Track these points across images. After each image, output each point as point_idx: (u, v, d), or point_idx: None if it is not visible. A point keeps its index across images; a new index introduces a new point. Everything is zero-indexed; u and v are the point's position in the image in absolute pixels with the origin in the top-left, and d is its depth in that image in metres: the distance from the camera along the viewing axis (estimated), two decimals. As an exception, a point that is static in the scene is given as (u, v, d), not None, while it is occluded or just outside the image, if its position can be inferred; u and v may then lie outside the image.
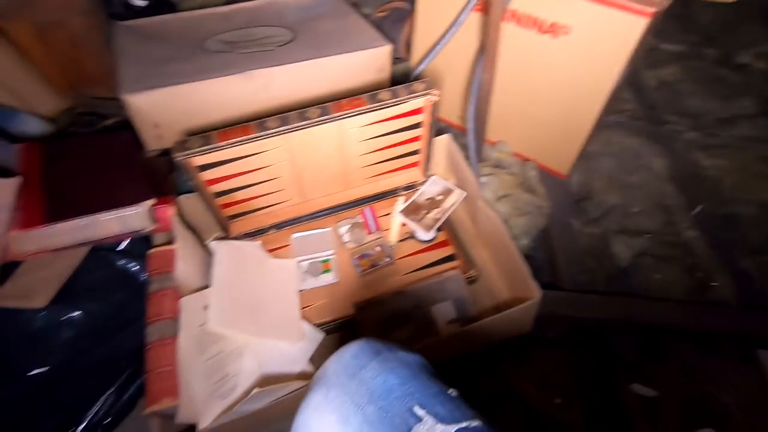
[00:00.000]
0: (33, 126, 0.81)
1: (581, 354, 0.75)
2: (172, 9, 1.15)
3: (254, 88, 0.82)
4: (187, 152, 0.56)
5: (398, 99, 0.61)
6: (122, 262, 0.62)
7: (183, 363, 0.52)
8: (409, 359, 0.35)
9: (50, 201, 0.53)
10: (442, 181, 0.80)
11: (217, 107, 0.81)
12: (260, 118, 0.59)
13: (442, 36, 0.87)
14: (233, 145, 0.58)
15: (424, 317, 0.64)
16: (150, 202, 0.57)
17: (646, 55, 1.33)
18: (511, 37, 0.81)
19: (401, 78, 1.11)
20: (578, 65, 0.81)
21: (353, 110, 0.60)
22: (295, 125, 0.59)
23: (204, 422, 0.50)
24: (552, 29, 0.80)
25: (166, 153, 0.77)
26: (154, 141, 0.79)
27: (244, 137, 0.57)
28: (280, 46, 0.92)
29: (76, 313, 0.56)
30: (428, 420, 0.31)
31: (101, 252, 0.61)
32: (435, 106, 0.65)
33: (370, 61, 0.91)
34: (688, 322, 0.77)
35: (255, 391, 0.51)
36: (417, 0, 0.92)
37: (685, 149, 1.10)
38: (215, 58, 0.86)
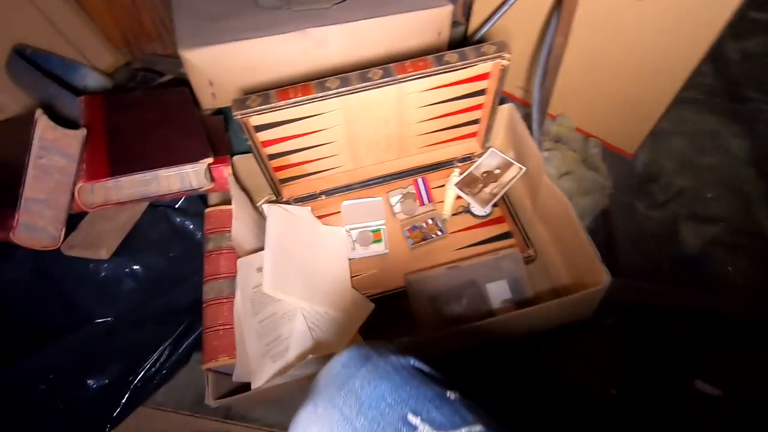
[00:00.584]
0: (93, 80, 0.82)
1: (637, 343, 0.71)
2: None
3: (309, 46, 0.79)
4: (247, 110, 0.54)
5: (467, 62, 0.57)
6: (179, 219, 0.63)
7: (238, 322, 0.53)
8: (403, 363, 0.32)
9: (113, 155, 0.53)
10: (500, 153, 0.75)
11: (271, 66, 0.79)
12: (315, 79, 0.57)
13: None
14: (292, 105, 0.55)
15: (478, 295, 0.62)
16: (208, 160, 0.56)
17: (729, 24, 1.20)
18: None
19: (457, 44, 1.04)
20: (665, 32, 0.73)
21: (418, 72, 0.56)
22: (357, 86, 0.56)
23: (257, 382, 0.51)
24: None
25: (220, 112, 0.76)
26: (208, 99, 0.79)
27: (303, 97, 0.55)
28: (336, 4, 0.88)
29: (136, 267, 0.57)
30: (423, 428, 0.28)
31: (159, 208, 0.61)
32: (504, 72, 0.60)
33: (429, 22, 0.85)
34: (756, 317, 0.71)
35: (309, 357, 0.50)
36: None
37: (771, 130, 1.00)
38: (269, 14, 0.83)
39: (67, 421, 0.52)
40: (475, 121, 0.72)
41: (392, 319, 0.63)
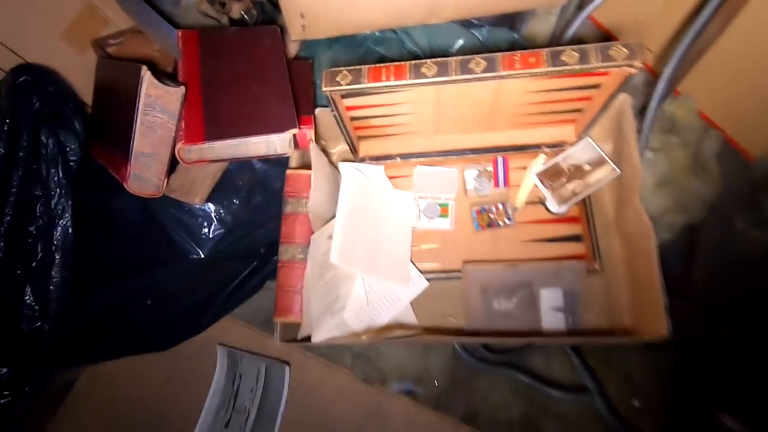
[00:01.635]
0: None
1: (674, 365, 0.71)
2: None
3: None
4: (336, 87, 0.53)
5: (587, 66, 0.49)
6: (260, 168, 0.67)
7: (307, 289, 0.60)
8: None
9: (208, 117, 0.55)
10: (596, 148, 0.68)
11: (370, 4, 0.72)
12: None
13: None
14: (383, 90, 0.53)
15: (530, 297, 0.64)
16: (294, 131, 0.57)
17: None
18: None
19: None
20: None
21: (527, 71, 0.50)
22: (455, 78, 0.51)
23: (317, 338, 0.59)
24: None
25: (307, 61, 0.73)
26: (297, 31, 0.75)
27: (396, 82, 0.52)
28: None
29: (223, 212, 0.64)
30: None
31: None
32: (629, 79, 0.52)
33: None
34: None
35: (361, 328, 0.57)
36: None
37: None
38: (374, -65, 0.73)
39: (166, 327, 0.65)
40: (578, 110, 0.65)
41: (445, 297, 0.68)
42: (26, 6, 0.61)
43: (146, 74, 0.51)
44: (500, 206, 0.71)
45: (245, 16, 0.78)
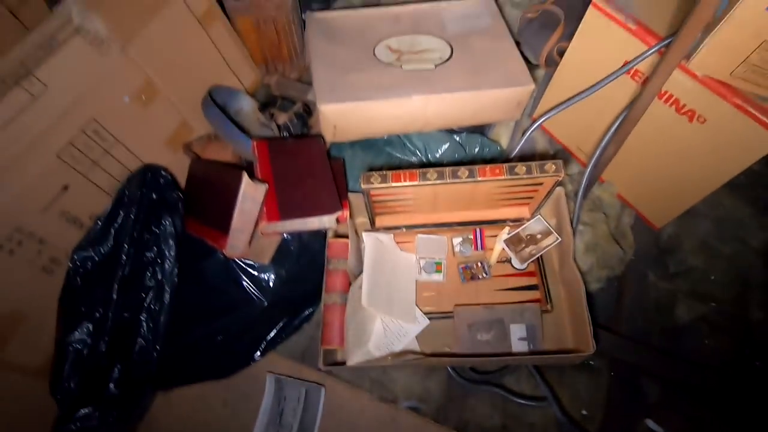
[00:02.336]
0: (245, 103, 1.09)
1: (613, 383, 0.95)
2: None
3: (413, 108, 1.01)
4: (370, 185, 0.79)
5: (531, 176, 0.78)
6: (306, 238, 0.91)
7: (347, 324, 0.82)
8: None
9: (281, 202, 0.81)
10: (544, 222, 0.97)
11: (382, 119, 1.02)
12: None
13: (579, 93, 0.97)
14: (401, 187, 0.80)
15: (502, 330, 0.88)
16: (339, 213, 0.83)
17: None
18: (652, 106, 0.90)
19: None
20: (705, 153, 0.89)
21: (493, 178, 0.79)
22: (448, 180, 0.79)
23: (350, 361, 0.81)
24: (689, 114, 0.88)
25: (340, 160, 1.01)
26: (330, 135, 1.04)
27: (410, 183, 0.79)
28: (439, 64, 1.07)
29: (281, 270, 0.87)
30: None
31: (296, 228, 0.90)
32: (557, 183, 0.81)
33: (513, 97, 1.04)
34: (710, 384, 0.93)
35: (384, 354, 0.80)
36: (574, 39, 0.98)
37: (797, 229, 1.13)
38: (386, 72, 1.04)
39: (228, 359, 0.86)
40: (530, 197, 0.94)
41: (441, 332, 0.91)
42: (145, 125, 0.87)
43: (245, 177, 0.76)
44: (479, 264, 0.98)
45: (289, 124, 1.07)
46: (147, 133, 0.88)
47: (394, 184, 0.80)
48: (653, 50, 0.84)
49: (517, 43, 1.35)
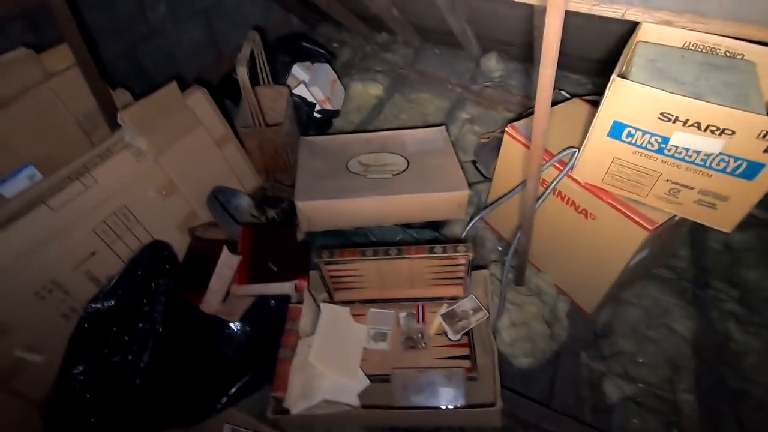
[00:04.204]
0: (243, 201, 1.38)
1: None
2: (336, 114, 1.72)
3: (372, 206, 1.28)
4: (321, 259, 1.02)
5: (445, 255, 0.99)
6: (273, 302, 1.11)
7: (293, 374, 0.97)
8: None
9: (252, 270, 1.04)
10: (475, 300, 1.14)
11: (346, 214, 1.29)
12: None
13: (501, 196, 1.22)
14: (347, 261, 1.02)
15: (433, 392, 1.00)
16: (296, 282, 1.04)
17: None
18: (555, 206, 1.12)
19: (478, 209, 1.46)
20: (600, 244, 1.09)
21: (417, 255, 1.00)
22: (382, 257, 1.01)
23: (295, 410, 0.94)
24: (584, 213, 1.09)
25: (310, 240, 1.26)
26: (305, 226, 1.30)
27: (353, 258, 1.01)
28: (396, 174, 1.37)
29: (248, 328, 1.06)
30: None
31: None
32: (470, 262, 1.01)
33: (452, 199, 1.30)
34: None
35: (323, 402, 0.93)
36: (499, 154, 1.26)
37: (720, 319, 1.23)
38: (353, 179, 1.34)
39: (195, 407, 1.00)
40: (461, 278, 1.13)
41: (380, 395, 1.03)
42: (162, 212, 1.16)
43: (225, 249, 1.01)
44: (420, 335, 1.13)
45: (276, 216, 1.35)
46: (162, 218, 1.17)
47: (339, 259, 1.02)
48: (548, 165, 1.10)
49: (474, 161, 1.68)
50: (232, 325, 1.04)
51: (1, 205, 0.96)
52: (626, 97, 0.87)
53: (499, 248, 1.41)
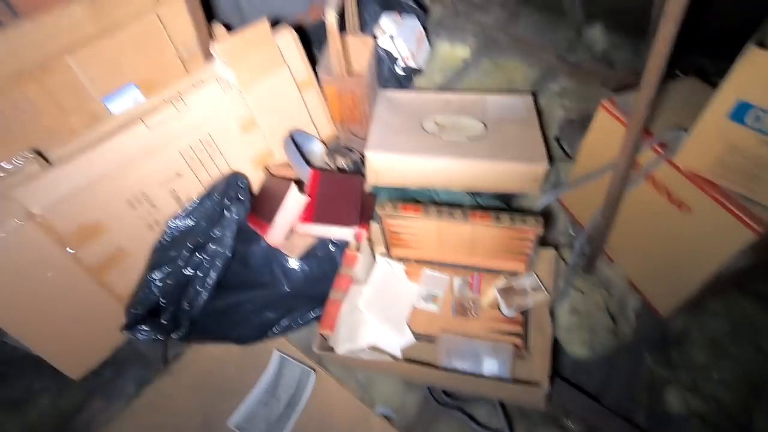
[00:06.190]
0: (316, 147, 1.41)
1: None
2: (418, 72, 1.67)
3: (442, 167, 1.24)
4: (384, 212, 1.01)
5: (513, 226, 0.94)
6: (334, 250, 1.14)
7: (341, 316, 1.00)
8: None
9: (316, 211, 1.06)
10: (536, 279, 1.08)
11: (415, 173, 1.26)
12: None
13: (586, 176, 1.12)
14: (408, 217, 1.01)
15: (477, 361, 0.98)
16: (355, 228, 1.05)
17: None
18: (645, 193, 1.02)
19: (556, 180, 1.37)
20: (692, 241, 0.97)
21: (480, 221, 0.96)
22: (444, 218, 0.98)
23: (339, 350, 0.97)
24: (678, 204, 0.98)
25: (375, 194, 1.26)
26: (372, 179, 1.30)
27: (414, 214, 1.00)
28: (471, 139, 1.31)
29: (306, 266, 1.10)
30: None
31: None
32: (537, 237, 0.95)
33: (528, 172, 1.22)
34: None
35: (368, 348, 0.95)
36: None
37: (824, 349, 1.07)
38: (427, 138, 1.30)
39: (250, 328, 1.07)
40: (525, 253, 1.07)
41: (422, 353, 1.03)
42: (241, 146, 1.22)
43: (293, 186, 1.04)
44: (473, 303, 1.10)
45: (345, 166, 1.36)
46: (241, 151, 1.23)
47: (402, 213, 1.01)
48: (647, 144, 0.99)
49: (558, 138, 1.56)
50: (291, 260, 1.09)
51: (109, 120, 1.06)
52: (762, 71, 0.74)
53: (571, 232, 1.32)
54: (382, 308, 1.04)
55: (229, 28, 1.32)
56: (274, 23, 1.26)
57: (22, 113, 1.01)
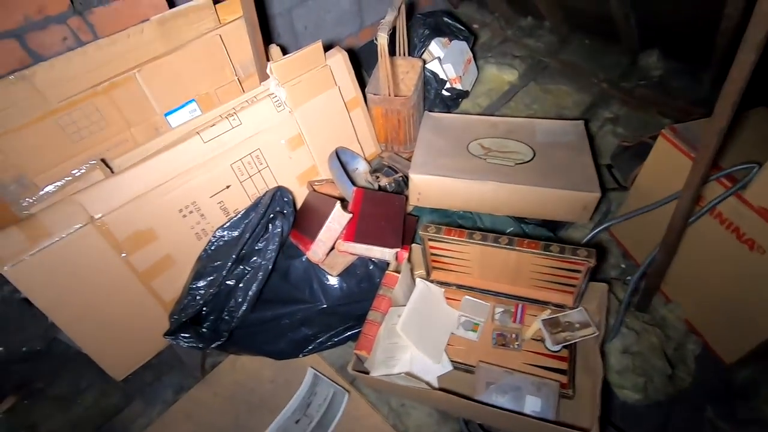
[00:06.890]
0: (361, 165, 1.42)
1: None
2: (465, 95, 1.66)
3: (486, 191, 1.21)
4: (426, 233, 1.00)
5: (562, 256, 0.89)
6: (373, 269, 1.13)
7: (378, 339, 0.98)
8: None
9: (358, 230, 1.06)
10: (586, 315, 1.02)
11: (458, 195, 1.24)
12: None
13: (642, 207, 1.06)
14: (452, 241, 0.98)
15: (518, 397, 0.92)
16: (396, 249, 1.04)
17: None
18: (711, 229, 0.95)
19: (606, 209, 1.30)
20: (764, 281, 0.89)
21: (528, 249, 0.92)
22: (489, 243, 0.95)
23: (374, 373, 0.95)
24: (750, 243, 0.90)
25: (416, 215, 1.25)
26: (414, 200, 1.29)
27: (458, 237, 0.97)
28: (519, 164, 1.27)
29: (344, 284, 1.09)
30: None
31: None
32: (589, 270, 0.90)
33: (578, 200, 1.17)
34: None
35: (404, 374, 0.92)
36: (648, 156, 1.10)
37: None
38: (472, 161, 1.28)
39: (286, 344, 1.07)
40: (573, 285, 1.01)
41: (460, 384, 0.99)
42: (288, 162, 1.25)
43: (338, 204, 1.04)
44: (514, 335, 1.05)
45: (387, 186, 1.36)
46: (287, 167, 1.25)
47: (445, 237, 0.99)
48: (716, 176, 0.92)
49: (610, 166, 1.50)
50: (331, 277, 1.08)
51: (167, 132, 1.11)
52: None
53: (623, 265, 1.25)
54: (419, 331, 1.01)
55: (284, 50, 1.38)
56: (328, 46, 1.30)
57: (92, 123, 1.09)
